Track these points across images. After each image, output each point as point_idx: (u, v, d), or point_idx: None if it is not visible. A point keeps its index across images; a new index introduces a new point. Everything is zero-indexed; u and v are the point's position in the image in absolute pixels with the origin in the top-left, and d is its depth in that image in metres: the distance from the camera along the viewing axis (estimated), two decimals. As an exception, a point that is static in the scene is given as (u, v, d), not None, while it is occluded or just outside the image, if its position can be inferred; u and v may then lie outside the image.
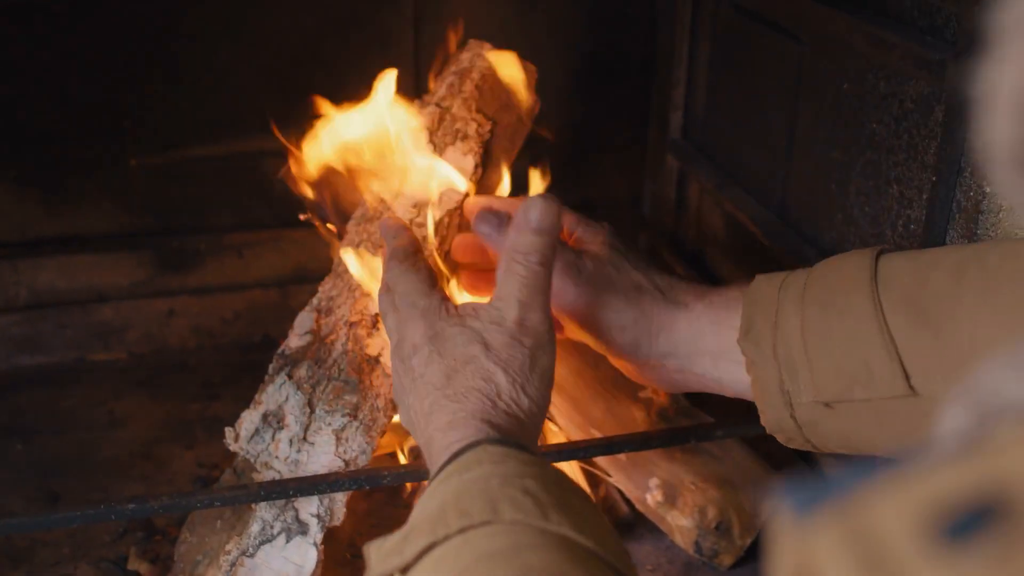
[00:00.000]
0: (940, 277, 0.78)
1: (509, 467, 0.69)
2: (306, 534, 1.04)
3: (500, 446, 0.73)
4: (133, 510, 0.98)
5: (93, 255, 1.49)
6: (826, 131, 1.17)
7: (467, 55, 1.22)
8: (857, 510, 0.27)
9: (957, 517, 0.25)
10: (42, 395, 1.43)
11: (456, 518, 0.63)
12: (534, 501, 0.64)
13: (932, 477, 0.26)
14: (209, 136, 1.48)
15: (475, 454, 0.72)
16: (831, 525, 0.27)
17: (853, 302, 0.80)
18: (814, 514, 0.27)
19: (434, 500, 0.68)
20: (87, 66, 1.40)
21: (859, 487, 0.27)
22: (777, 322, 0.84)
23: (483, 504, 0.64)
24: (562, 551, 0.61)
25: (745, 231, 1.36)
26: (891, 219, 1.05)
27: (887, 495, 0.27)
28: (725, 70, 1.43)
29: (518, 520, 0.63)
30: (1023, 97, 0.27)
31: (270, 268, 1.56)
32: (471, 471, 0.69)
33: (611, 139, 1.62)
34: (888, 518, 0.26)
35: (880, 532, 0.26)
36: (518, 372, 0.81)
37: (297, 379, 1.07)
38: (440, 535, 0.63)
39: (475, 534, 0.62)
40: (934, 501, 0.25)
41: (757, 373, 0.86)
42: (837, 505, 0.27)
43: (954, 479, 0.26)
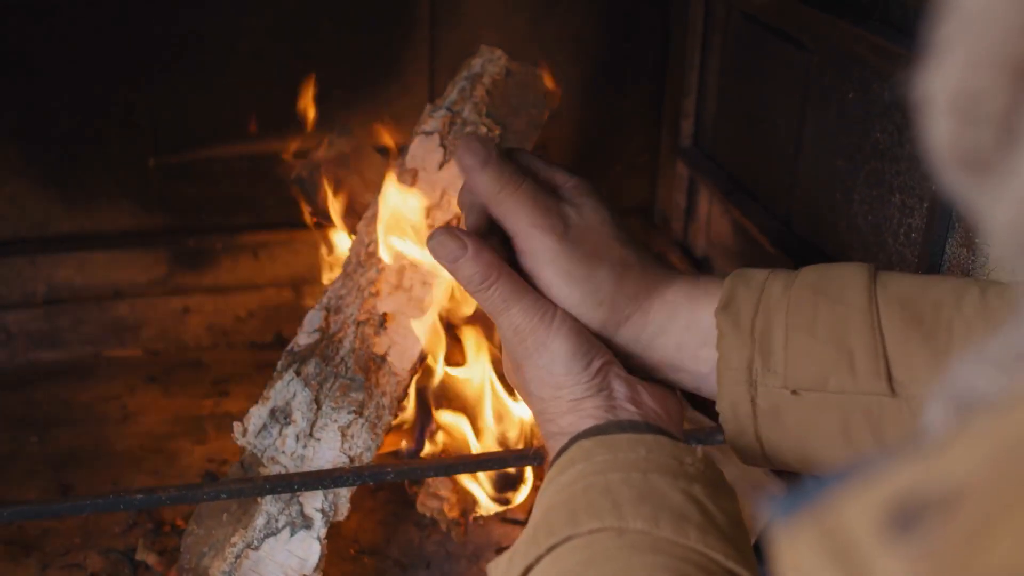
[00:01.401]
0: (941, 290, 0.77)
1: (597, 462, 0.68)
2: (310, 528, 1.06)
3: (593, 437, 0.71)
4: (141, 500, 1.00)
5: (111, 252, 1.52)
6: (832, 140, 1.18)
7: (478, 60, 1.23)
8: (829, 511, 0.29)
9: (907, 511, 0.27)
10: (58, 389, 1.45)
11: (544, 537, 0.64)
12: (612, 502, 0.63)
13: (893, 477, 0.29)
14: (227, 137, 1.51)
15: (568, 455, 0.71)
16: (809, 526, 0.30)
17: (847, 293, 0.77)
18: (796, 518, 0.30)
19: (536, 512, 0.69)
20: (108, 66, 1.43)
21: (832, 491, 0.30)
22: (761, 299, 0.79)
23: (565, 517, 0.64)
24: (636, 552, 0.60)
25: (752, 238, 1.38)
26: (893, 228, 1.06)
27: (855, 495, 0.29)
28: (735, 79, 1.45)
29: (595, 528, 0.63)
30: (959, 100, 0.29)
31: (284, 268, 1.58)
32: (565, 473, 0.69)
33: (623, 146, 1.63)
34: (854, 516, 0.29)
35: (847, 529, 0.29)
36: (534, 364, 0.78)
37: (305, 376, 1.08)
38: (533, 556, 0.63)
39: (560, 551, 0.63)
40: (891, 498, 0.28)
41: (726, 349, 0.79)
42: (814, 508, 0.30)
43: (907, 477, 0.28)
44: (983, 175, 0.29)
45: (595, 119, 1.60)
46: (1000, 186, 0.29)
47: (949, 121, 0.30)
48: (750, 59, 1.40)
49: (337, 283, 1.18)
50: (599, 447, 0.70)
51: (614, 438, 0.70)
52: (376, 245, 1.15)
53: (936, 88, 0.30)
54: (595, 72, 1.57)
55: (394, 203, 1.15)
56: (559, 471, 0.70)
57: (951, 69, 0.29)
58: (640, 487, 0.65)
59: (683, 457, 0.68)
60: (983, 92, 0.28)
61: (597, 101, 1.59)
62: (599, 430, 0.73)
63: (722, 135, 1.50)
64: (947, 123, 0.30)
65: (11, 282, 1.49)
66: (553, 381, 0.77)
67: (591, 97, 1.58)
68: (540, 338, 0.78)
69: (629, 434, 0.71)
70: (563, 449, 0.72)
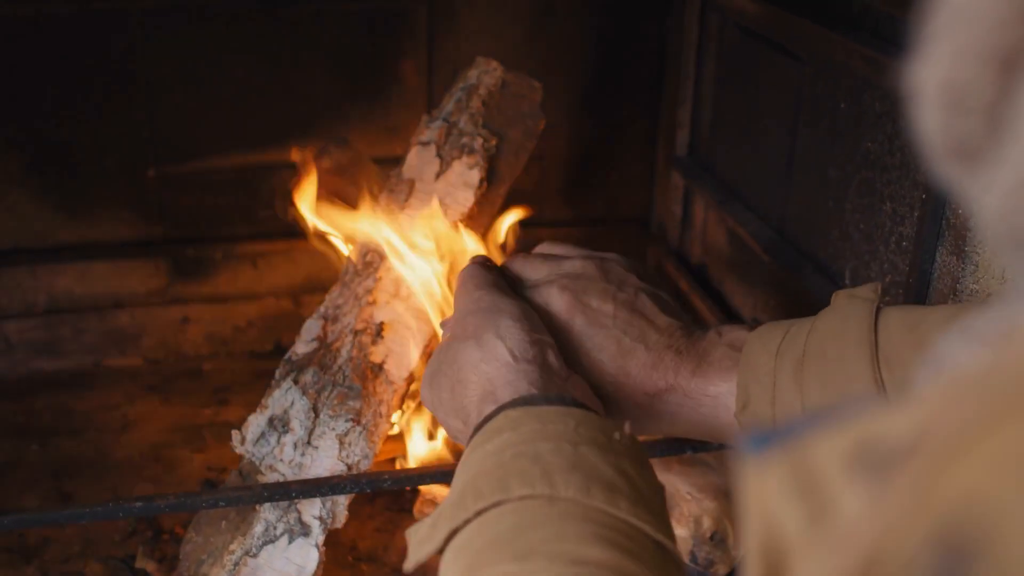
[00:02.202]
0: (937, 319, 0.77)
1: (525, 432, 0.69)
2: (308, 535, 1.07)
3: (520, 407, 0.72)
4: (140, 508, 1.01)
5: (110, 262, 1.53)
6: (824, 149, 1.19)
7: (474, 72, 1.25)
8: (800, 449, 0.31)
9: (879, 454, 0.28)
10: (58, 398, 1.46)
11: (472, 501, 0.64)
12: (542, 470, 0.64)
13: (862, 422, 0.30)
14: (226, 148, 1.52)
15: (495, 423, 0.71)
16: (778, 462, 0.31)
17: (855, 382, 0.77)
18: (767, 455, 0.31)
19: (460, 478, 0.69)
20: (107, 77, 1.44)
21: (804, 432, 0.31)
22: (775, 398, 0.81)
23: (495, 482, 0.64)
24: (568, 520, 0.61)
25: (746, 247, 1.39)
26: (884, 236, 1.07)
27: (825, 437, 0.30)
28: (730, 89, 1.46)
29: (526, 495, 0.63)
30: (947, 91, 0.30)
31: (283, 278, 1.59)
32: (491, 441, 0.69)
33: (619, 156, 1.64)
34: (824, 453, 0.30)
35: (815, 465, 0.30)
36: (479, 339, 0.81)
37: (303, 384, 1.09)
38: (460, 520, 0.63)
39: (488, 516, 0.63)
40: (860, 441, 0.29)
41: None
42: (785, 446, 0.31)
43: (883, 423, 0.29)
44: (973, 165, 0.30)
45: (591, 130, 1.61)
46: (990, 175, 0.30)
47: (939, 112, 0.30)
48: (744, 70, 1.41)
49: (335, 292, 1.19)
50: (527, 417, 0.70)
51: (542, 409, 0.71)
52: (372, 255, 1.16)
53: (925, 80, 0.30)
54: (591, 83, 1.58)
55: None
56: (485, 439, 0.70)
57: (939, 61, 0.30)
58: (571, 458, 0.65)
59: (611, 432, 0.70)
60: (970, 83, 0.29)
61: (593, 112, 1.60)
62: (525, 401, 0.74)
63: (717, 145, 1.51)
64: (937, 114, 0.30)
65: (11, 292, 1.50)
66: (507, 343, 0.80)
67: (587, 108, 1.60)
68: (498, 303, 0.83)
69: (557, 407, 0.72)
70: (488, 418, 0.73)
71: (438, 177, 1.18)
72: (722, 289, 1.51)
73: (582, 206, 1.66)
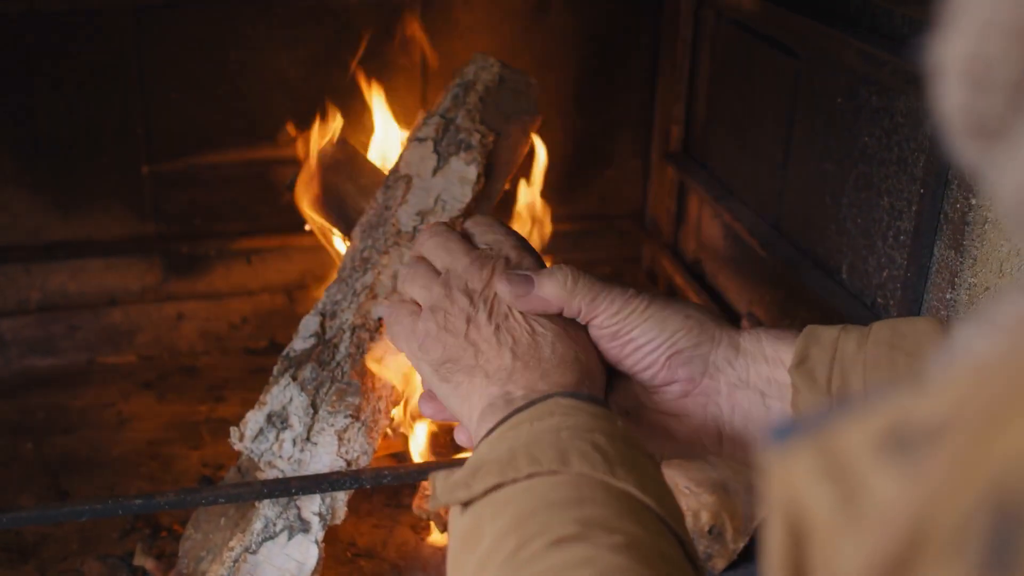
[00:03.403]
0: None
1: (580, 420, 0.69)
2: (308, 532, 1.07)
3: (572, 399, 0.73)
4: (139, 505, 1.01)
5: (104, 260, 1.52)
6: (820, 144, 1.19)
7: (471, 68, 1.25)
8: (828, 435, 0.31)
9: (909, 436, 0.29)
10: (53, 396, 1.46)
11: (527, 463, 0.64)
12: (602, 456, 0.65)
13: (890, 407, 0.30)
14: (219, 145, 1.51)
15: (546, 405, 0.72)
16: (805, 448, 0.31)
17: (924, 346, 0.77)
18: (793, 442, 0.31)
19: (504, 443, 0.69)
20: (101, 75, 1.43)
21: (830, 420, 0.31)
22: (835, 357, 0.80)
23: (553, 454, 0.65)
24: (623, 506, 0.62)
25: (742, 242, 1.39)
26: (882, 230, 1.08)
27: (853, 422, 0.31)
28: (724, 85, 1.46)
29: (584, 473, 0.64)
30: (971, 66, 0.30)
31: (277, 274, 1.58)
32: (543, 421, 0.70)
33: (613, 152, 1.65)
34: (853, 438, 0.30)
35: (844, 449, 0.30)
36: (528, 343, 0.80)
37: (301, 381, 1.09)
38: (508, 477, 0.64)
39: (542, 482, 0.64)
40: (888, 425, 0.29)
41: (803, 404, 0.81)
42: (812, 433, 0.31)
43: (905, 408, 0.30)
44: (993, 142, 0.30)
45: (586, 126, 1.62)
46: (1009, 154, 0.30)
47: (961, 88, 0.30)
48: (739, 65, 1.41)
49: (332, 288, 1.18)
50: (580, 410, 0.71)
51: (592, 407, 0.72)
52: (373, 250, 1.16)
53: (948, 55, 0.30)
54: (585, 79, 1.58)
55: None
56: (534, 416, 0.70)
57: (965, 35, 0.30)
58: (624, 454, 0.66)
59: (645, 450, 0.71)
60: (995, 59, 0.29)
61: (587, 108, 1.60)
62: (574, 395, 0.74)
63: (711, 140, 1.51)
64: (959, 90, 0.30)
65: (5, 289, 1.50)
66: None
67: (582, 104, 1.60)
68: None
69: (599, 407, 0.73)
70: (534, 401, 0.73)
71: (435, 173, 1.18)
72: (716, 284, 1.52)
73: (576, 202, 1.66)
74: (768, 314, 1.35)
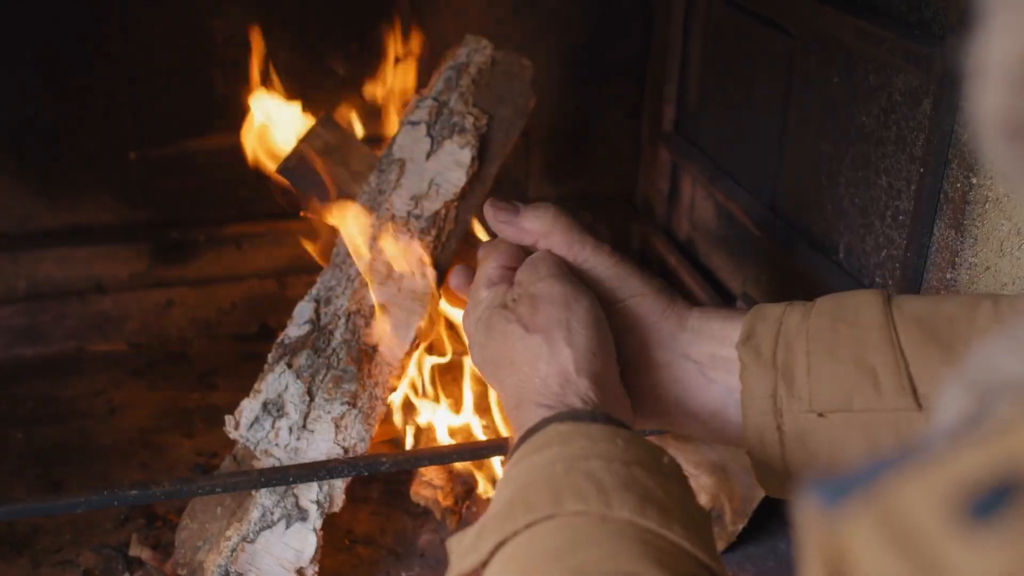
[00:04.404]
0: (953, 305, 0.77)
1: (575, 448, 0.68)
2: (306, 520, 1.06)
3: (569, 423, 0.71)
4: (135, 496, 1.00)
5: (92, 247, 1.51)
6: (816, 123, 1.19)
7: (464, 50, 1.23)
8: (885, 496, 0.28)
9: (980, 497, 0.26)
10: (42, 385, 1.44)
11: (523, 513, 0.63)
12: (597, 487, 0.63)
13: (953, 460, 0.27)
14: (207, 129, 1.50)
15: (543, 435, 0.70)
16: (862, 512, 0.28)
17: (864, 316, 0.79)
18: (843, 504, 0.28)
19: (507, 489, 0.68)
20: (87, 60, 1.41)
21: (884, 476, 0.28)
22: (781, 331, 0.82)
23: (547, 496, 0.63)
24: (622, 539, 0.60)
25: (737, 222, 1.38)
26: (880, 210, 1.07)
27: (912, 481, 0.27)
28: (717, 64, 1.45)
29: (580, 511, 0.62)
30: (1012, 70, 0.28)
31: (267, 259, 1.57)
32: (540, 453, 0.68)
33: (605, 132, 1.63)
34: (915, 502, 0.27)
35: (909, 515, 0.27)
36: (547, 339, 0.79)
37: (296, 368, 1.08)
38: (508, 531, 0.62)
39: (539, 529, 0.62)
40: (957, 483, 0.26)
41: (749, 379, 0.83)
42: (865, 494, 0.28)
43: (973, 461, 0.27)
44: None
45: (577, 106, 1.60)
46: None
47: (1003, 90, 0.29)
48: (732, 45, 1.40)
49: (326, 274, 1.17)
50: (577, 433, 0.70)
51: (592, 426, 0.71)
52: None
53: (991, 55, 0.29)
54: (577, 59, 1.57)
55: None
56: (533, 450, 0.69)
57: (1008, 35, 0.28)
58: (624, 477, 0.64)
59: (659, 455, 0.69)
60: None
61: (579, 88, 1.59)
62: (573, 416, 0.73)
63: (704, 120, 1.50)
64: (1000, 92, 0.29)
65: (-9, 278, 1.48)
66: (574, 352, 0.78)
67: (573, 84, 1.58)
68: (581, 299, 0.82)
69: (605, 425, 0.71)
70: (533, 430, 0.72)
71: (429, 157, 1.17)
72: (710, 265, 1.51)
73: (567, 183, 1.65)
74: (763, 295, 1.34)
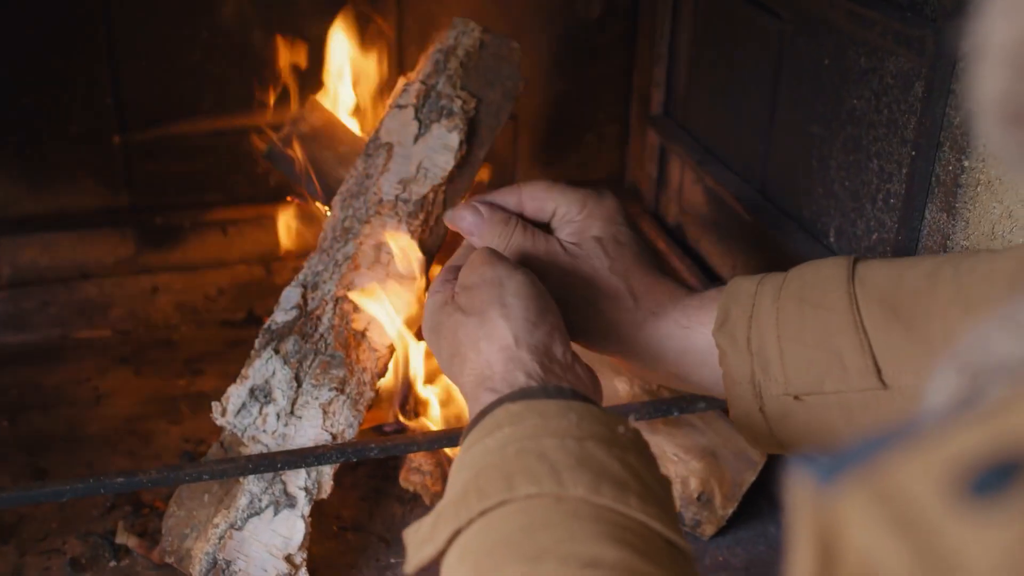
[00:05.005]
0: (915, 277, 0.79)
1: (527, 427, 0.67)
2: (294, 507, 1.05)
3: (520, 401, 0.71)
4: (122, 483, 0.99)
5: (76, 232, 1.49)
6: (807, 106, 1.18)
7: (452, 33, 1.22)
8: (882, 474, 0.27)
9: (980, 474, 0.25)
10: (26, 372, 1.43)
11: (476, 500, 0.62)
12: (549, 468, 0.62)
13: (951, 439, 0.27)
14: (192, 113, 1.48)
15: (494, 418, 0.70)
16: (857, 489, 0.27)
17: (829, 297, 0.81)
18: (837, 482, 0.28)
19: (460, 476, 0.67)
20: (69, 43, 1.40)
21: (880, 454, 0.28)
22: (753, 315, 0.84)
23: (499, 481, 0.63)
24: (578, 520, 0.59)
25: (726, 206, 1.38)
26: (871, 193, 1.07)
27: (910, 459, 0.27)
28: (707, 46, 1.44)
29: (532, 494, 0.61)
30: (1013, 53, 0.28)
31: (254, 245, 1.56)
32: (492, 436, 0.68)
33: (593, 116, 1.63)
34: (914, 479, 0.27)
35: (907, 493, 0.27)
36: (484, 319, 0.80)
37: (284, 354, 1.07)
38: (463, 520, 0.62)
39: (493, 516, 0.61)
40: (956, 461, 0.26)
41: (729, 366, 0.85)
42: (861, 471, 0.28)
43: (973, 439, 0.26)
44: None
45: (565, 90, 1.59)
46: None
47: (1004, 73, 0.28)
48: (721, 27, 1.39)
49: (313, 259, 1.16)
50: (528, 412, 0.69)
51: (543, 403, 0.70)
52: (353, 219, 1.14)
53: (994, 37, 0.28)
54: (565, 42, 1.56)
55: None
56: (484, 433, 0.69)
57: (1011, 18, 0.28)
58: (577, 454, 0.64)
59: (614, 426, 0.68)
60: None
61: (567, 71, 1.58)
62: (525, 394, 0.72)
63: (693, 104, 1.49)
64: (1002, 74, 0.28)
65: (-25, 265, 1.46)
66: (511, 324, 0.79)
67: (561, 67, 1.57)
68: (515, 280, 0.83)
69: (557, 400, 0.70)
70: (485, 411, 0.71)
71: (417, 140, 1.16)
72: (699, 249, 1.50)
73: (555, 166, 1.64)
74: (753, 279, 1.34)
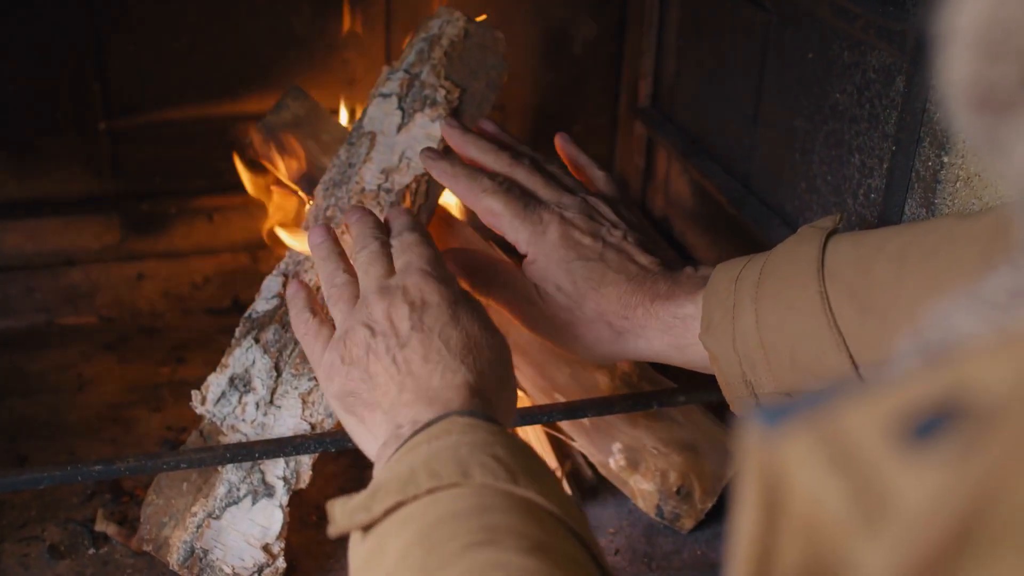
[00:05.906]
0: (883, 265, 0.81)
1: (478, 436, 0.70)
2: (272, 496, 1.05)
3: (469, 417, 0.74)
4: (100, 471, 0.99)
5: (61, 219, 1.49)
6: (791, 100, 1.18)
7: (436, 22, 1.22)
8: (827, 419, 0.28)
9: (923, 420, 0.26)
10: (10, 359, 1.42)
11: (426, 479, 0.65)
12: (504, 467, 0.66)
13: (899, 389, 0.28)
14: (179, 100, 1.48)
15: (443, 425, 0.73)
16: (801, 432, 0.28)
17: (802, 296, 0.83)
18: (783, 426, 0.29)
19: (403, 464, 0.69)
20: (54, 28, 1.39)
21: (827, 402, 0.28)
22: (734, 316, 0.86)
23: (453, 467, 0.65)
24: (528, 514, 0.62)
25: (711, 198, 1.38)
26: (852, 188, 1.07)
27: (856, 405, 0.28)
28: (694, 38, 1.44)
29: (487, 484, 0.64)
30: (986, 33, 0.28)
31: (240, 232, 1.55)
32: (440, 440, 0.71)
33: (580, 107, 1.62)
34: (857, 424, 0.27)
35: (850, 436, 0.27)
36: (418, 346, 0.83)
37: (264, 343, 1.07)
38: (409, 494, 0.64)
39: (444, 495, 0.64)
40: (901, 407, 0.27)
41: (721, 368, 0.88)
42: (807, 416, 0.28)
43: (919, 388, 0.27)
44: (1003, 116, 0.28)
45: (552, 80, 1.59)
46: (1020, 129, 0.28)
47: (972, 56, 0.28)
48: (709, 19, 1.39)
49: (295, 248, 1.16)
50: (474, 427, 0.72)
51: (487, 423, 0.73)
52: (336, 208, 1.14)
53: (961, 20, 0.28)
54: (552, 33, 1.56)
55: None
56: (432, 436, 0.71)
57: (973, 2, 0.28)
58: (526, 465, 0.68)
59: (538, 456, 0.74)
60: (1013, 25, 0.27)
61: (554, 62, 1.58)
62: (471, 413, 0.76)
63: (680, 95, 1.49)
64: (970, 58, 0.28)
65: (-42, 250, 1.46)
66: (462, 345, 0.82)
67: (548, 58, 1.57)
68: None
69: (496, 424, 0.74)
70: (429, 423, 0.74)
71: (400, 130, 1.16)
72: (685, 241, 1.50)
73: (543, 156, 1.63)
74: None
